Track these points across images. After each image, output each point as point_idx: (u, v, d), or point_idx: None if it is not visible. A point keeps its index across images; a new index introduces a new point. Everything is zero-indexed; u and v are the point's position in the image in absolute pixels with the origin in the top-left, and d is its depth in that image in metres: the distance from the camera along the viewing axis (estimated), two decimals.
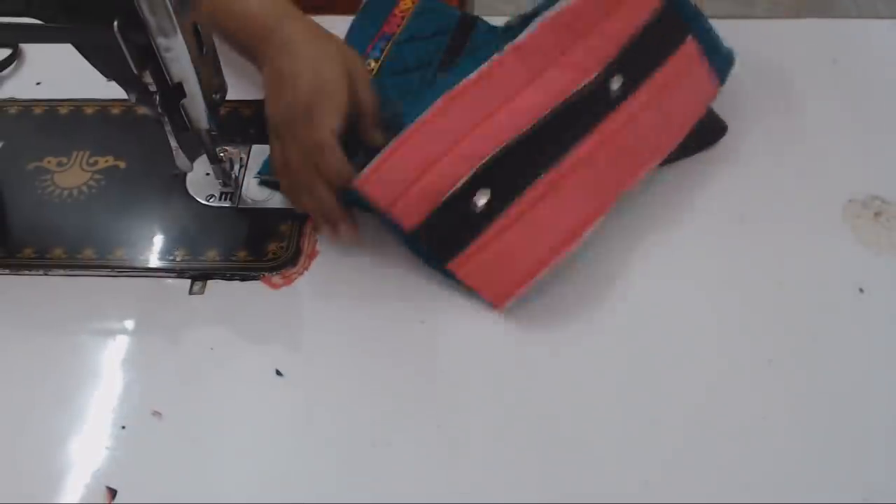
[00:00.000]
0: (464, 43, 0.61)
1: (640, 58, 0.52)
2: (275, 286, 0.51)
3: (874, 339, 0.48)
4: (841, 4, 1.67)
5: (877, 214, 0.53)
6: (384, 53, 0.61)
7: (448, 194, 0.47)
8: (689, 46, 0.54)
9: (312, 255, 0.52)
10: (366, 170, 0.47)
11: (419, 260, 0.51)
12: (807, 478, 0.43)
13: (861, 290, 0.50)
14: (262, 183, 0.55)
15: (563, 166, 0.49)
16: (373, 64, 0.60)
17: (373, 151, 0.48)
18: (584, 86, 0.50)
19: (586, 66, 0.50)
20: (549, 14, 0.50)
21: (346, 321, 0.49)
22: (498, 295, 0.49)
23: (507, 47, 0.49)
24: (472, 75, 0.49)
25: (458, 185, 0.47)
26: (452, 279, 0.50)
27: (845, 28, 0.66)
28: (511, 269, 0.48)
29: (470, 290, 0.49)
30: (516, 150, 0.48)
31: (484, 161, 0.48)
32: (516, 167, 0.49)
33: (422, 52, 0.60)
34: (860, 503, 0.42)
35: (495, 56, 0.49)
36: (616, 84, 0.51)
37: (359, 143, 0.51)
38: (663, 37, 0.53)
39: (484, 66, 0.49)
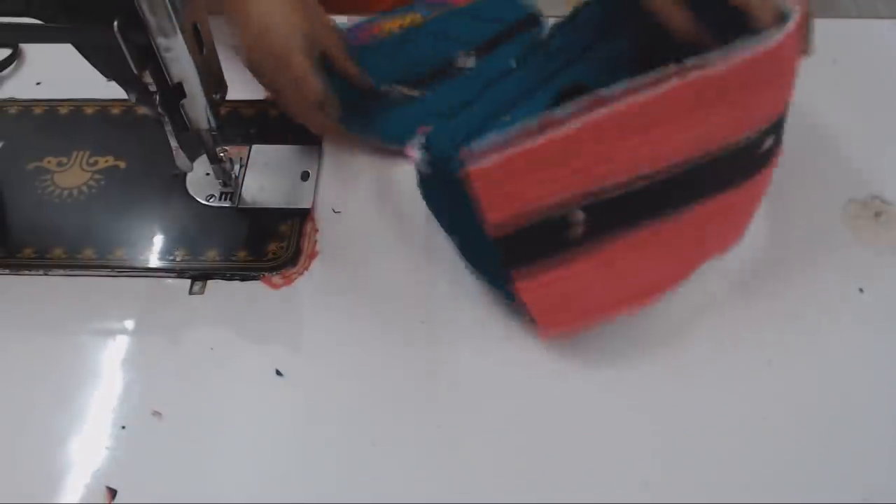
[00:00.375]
0: (514, 37, 0.61)
1: (781, 127, 0.47)
2: (275, 286, 0.51)
3: (874, 340, 0.48)
4: (841, 4, 1.67)
5: (877, 214, 0.53)
6: (433, 14, 0.61)
7: (548, 213, 0.42)
8: None
9: (312, 255, 0.52)
10: (482, 158, 0.41)
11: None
12: (807, 478, 0.43)
13: (861, 291, 0.50)
14: None
15: (678, 220, 0.44)
16: (414, 17, 0.61)
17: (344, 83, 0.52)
18: (739, 141, 0.44)
19: (749, 124, 0.44)
20: (746, 51, 0.41)
21: (346, 321, 0.49)
22: (552, 324, 0.46)
23: (693, 73, 0.41)
24: (638, 97, 0.41)
25: (564, 208, 0.42)
26: (499, 289, 0.48)
27: (845, 28, 0.66)
28: (576, 306, 0.46)
29: (496, 303, 0.48)
30: (638, 192, 0.43)
31: (600, 193, 0.42)
32: (630, 208, 0.43)
33: (470, 30, 0.60)
34: (860, 503, 0.42)
35: (674, 80, 0.41)
36: (767, 144, 0.46)
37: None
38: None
39: (656, 90, 0.41)
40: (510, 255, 0.44)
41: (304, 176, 0.56)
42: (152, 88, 0.44)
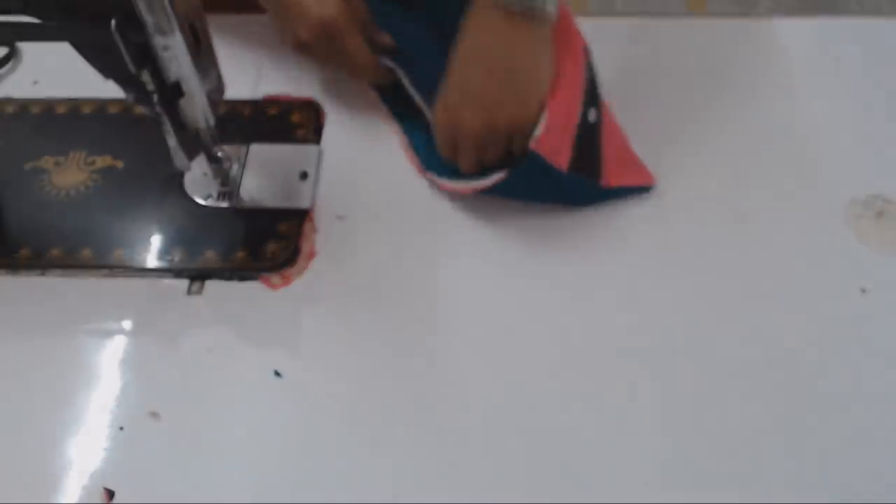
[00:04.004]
0: None
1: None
2: (273, 287, 0.51)
3: (876, 340, 0.48)
4: (844, 3, 1.67)
5: (879, 214, 0.53)
6: None
7: (575, 124, 0.51)
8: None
9: (311, 256, 0.52)
10: (539, 133, 0.49)
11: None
12: (807, 478, 0.43)
13: (863, 291, 0.50)
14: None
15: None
16: None
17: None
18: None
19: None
20: None
21: (345, 321, 0.49)
22: (645, 176, 0.54)
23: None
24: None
25: (580, 110, 0.51)
26: (599, 196, 0.53)
27: (848, 27, 0.66)
28: (630, 155, 0.55)
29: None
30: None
31: (585, 86, 0.52)
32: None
33: None
34: (860, 503, 0.42)
35: None
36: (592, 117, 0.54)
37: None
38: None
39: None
40: (584, 173, 0.52)
41: (303, 175, 0.56)
42: (150, 87, 0.44)
